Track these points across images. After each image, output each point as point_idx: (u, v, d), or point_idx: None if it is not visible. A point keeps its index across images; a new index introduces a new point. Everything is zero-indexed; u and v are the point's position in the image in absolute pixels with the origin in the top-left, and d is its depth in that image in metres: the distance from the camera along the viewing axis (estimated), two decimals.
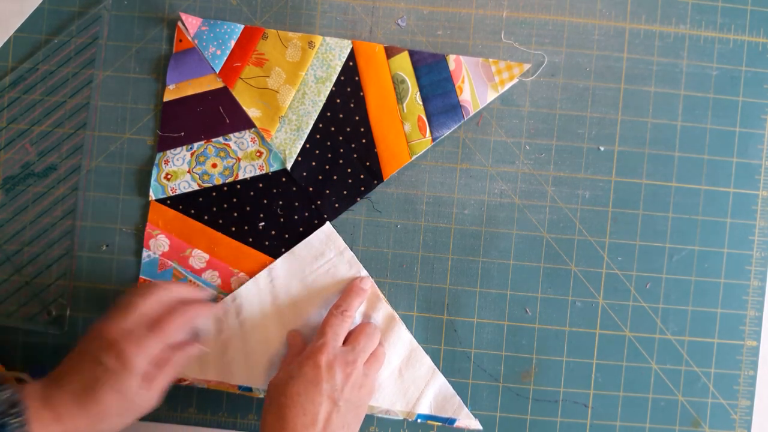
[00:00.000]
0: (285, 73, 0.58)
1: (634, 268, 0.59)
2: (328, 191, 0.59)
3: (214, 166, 0.59)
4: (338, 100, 0.58)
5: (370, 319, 0.58)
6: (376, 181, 0.58)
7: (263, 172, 0.59)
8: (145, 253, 0.58)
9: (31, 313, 0.58)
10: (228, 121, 0.58)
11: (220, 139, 0.58)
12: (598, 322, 0.59)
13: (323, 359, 0.50)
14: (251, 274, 0.58)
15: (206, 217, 0.58)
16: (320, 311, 0.58)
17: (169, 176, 0.58)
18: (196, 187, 0.58)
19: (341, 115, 0.58)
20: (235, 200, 0.58)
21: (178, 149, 0.58)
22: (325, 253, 0.58)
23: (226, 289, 0.58)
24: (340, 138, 0.58)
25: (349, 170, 0.58)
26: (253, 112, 0.58)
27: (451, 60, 0.58)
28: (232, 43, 0.58)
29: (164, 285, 0.52)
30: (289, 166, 0.58)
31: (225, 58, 0.58)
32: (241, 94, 0.58)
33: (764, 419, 0.59)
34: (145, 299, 0.50)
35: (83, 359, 0.48)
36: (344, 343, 0.54)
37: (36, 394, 0.46)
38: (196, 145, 0.58)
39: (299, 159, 0.58)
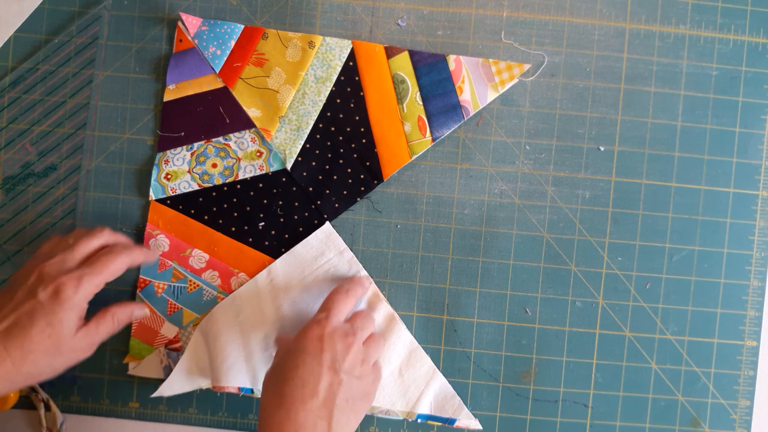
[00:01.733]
0: (285, 73, 0.58)
1: (634, 268, 0.59)
2: (328, 191, 0.59)
3: (214, 166, 0.59)
4: (338, 100, 0.58)
5: None
6: (376, 181, 0.58)
7: (263, 172, 0.59)
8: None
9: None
10: (228, 121, 0.58)
11: (220, 139, 0.58)
12: (598, 322, 0.59)
13: (324, 331, 0.48)
14: (251, 274, 0.58)
15: (206, 217, 0.58)
16: None
17: (169, 176, 0.58)
18: (196, 187, 0.59)
19: (341, 115, 0.58)
20: (235, 200, 0.58)
21: (178, 149, 0.59)
22: (324, 253, 0.58)
23: (226, 289, 0.58)
24: (340, 138, 0.58)
25: (349, 170, 0.58)
26: (253, 112, 0.58)
27: (451, 60, 0.58)
28: (232, 43, 0.58)
29: (101, 230, 0.52)
30: (289, 166, 0.58)
31: (225, 58, 0.58)
32: (241, 94, 0.58)
33: (764, 419, 0.59)
34: (83, 240, 0.50)
35: (15, 294, 0.47)
36: (360, 321, 0.53)
37: None
38: (196, 145, 0.59)
39: (299, 159, 0.58)
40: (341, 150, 0.58)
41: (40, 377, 0.47)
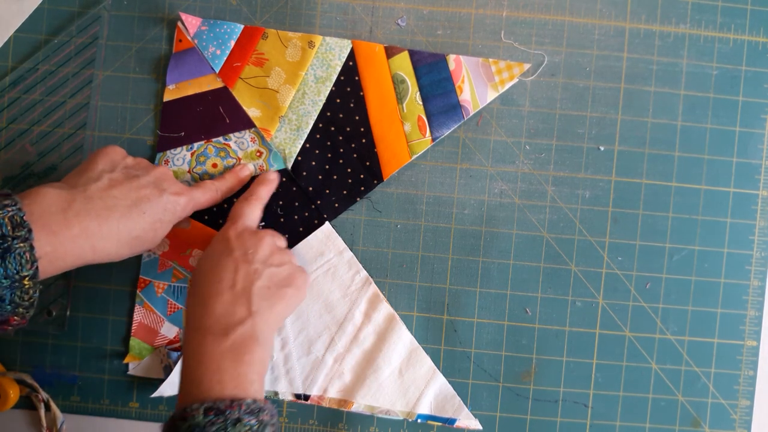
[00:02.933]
0: (285, 73, 0.58)
1: (634, 268, 0.59)
2: (328, 191, 0.59)
3: (215, 166, 0.59)
4: (338, 100, 0.58)
5: (370, 320, 0.58)
6: (376, 181, 0.58)
7: (263, 172, 0.58)
8: (145, 253, 0.58)
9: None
10: (228, 121, 0.58)
11: (220, 139, 0.58)
12: (598, 322, 0.59)
13: (228, 233, 0.50)
14: None
15: (206, 217, 0.58)
16: (320, 311, 0.58)
17: None
18: None
19: (341, 115, 0.58)
20: (235, 200, 0.58)
21: (178, 149, 0.58)
22: (324, 254, 0.58)
23: None
24: (340, 138, 0.58)
25: (349, 170, 0.58)
26: (253, 112, 0.58)
27: (451, 60, 0.58)
28: (232, 43, 0.58)
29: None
30: (289, 166, 0.58)
31: (225, 58, 0.58)
32: (241, 93, 0.58)
33: (764, 419, 0.59)
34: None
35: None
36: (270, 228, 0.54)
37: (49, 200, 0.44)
38: (196, 145, 0.58)
39: (299, 159, 0.58)
40: (341, 150, 0.58)
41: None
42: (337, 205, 0.59)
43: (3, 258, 0.40)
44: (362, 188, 0.59)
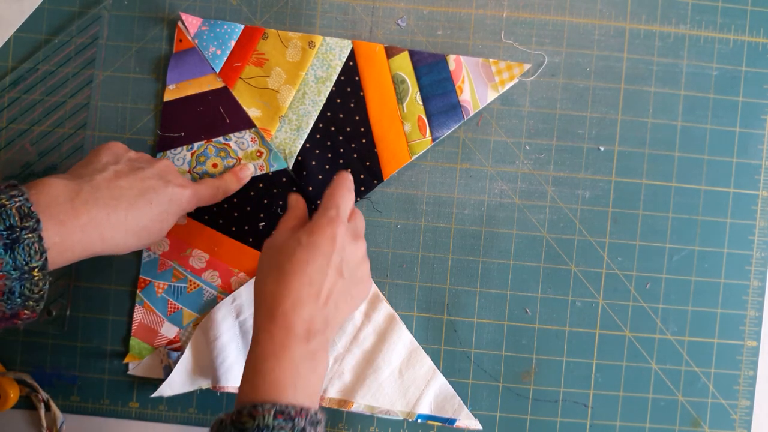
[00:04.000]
0: (285, 73, 0.58)
1: (634, 268, 0.59)
2: None
3: (215, 166, 0.59)
4: (338, 100, 0.58)
5: (370, 320, 0.58)
6: (376, 181, 0.58)
7: (263, 172, 0.59)
8: (145, 253, 0.58)
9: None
10: (228, 121, 0.58)
11: (221, 139, 0.59)
12: (598, 322, 0.59)
13: (336, 231, 0.47)
14: (251, 274, 0.58)
15: (206, 217, 0.58)
16: None
17: None
18: None
19: (341, 115, 0.58)
20: (235, 200, 0.58)
21: (179, 149, 0.59)
22: None
23: (226, 289, 0.58)
24: (340, 138, 0.58)
25: (349, 170, 0.58)
26: (253, 112, 0.58)
27: (451, 60, 0.58)
28: (232, 43, 0.58)
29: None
30: (289, 166, 0.58)
31: (225, 58, 0.58)
32: (242, 93, 0.58)
33: (764, 419, 0.59)
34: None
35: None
36: (358, 224, 0.52)
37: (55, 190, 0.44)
38: (196, 145, 0.59)
39: (299, 159, 0.58)
40: (341, 150, 0.58)
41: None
42: None
43: (12, 249, 0.40)
44: (362, 188, 0.59)
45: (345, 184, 0.51)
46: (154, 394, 0.56)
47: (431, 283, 0.59)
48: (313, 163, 0.58)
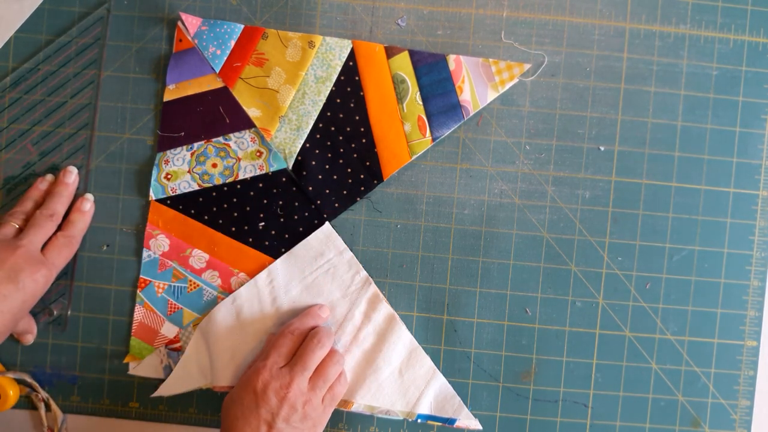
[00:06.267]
0: (285, 73, 0.58)
1: (634, 268, 0.59)
2: (328, 191, 0.59)
3: (215, 166, 0.59)
4: (338, 100, 0.58)
5: (370, 320, 0.58)
6: (376, 181, 0.59)
7: (263, 172, 0.59)
8: (145, 253, 0.59)
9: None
10: (228, 121, 0.58)
11: (220, 138, 0.59)
12: (598, 322, 0.59)
13: (259, 383, 0.50)
14: (251, 274, 0.58)
15: (206, 217, 0.58)
16: None
17: (169, 176, 0.58)
18: (196, 187, 0.59)
19: (341, 115, 0.58)
20: (235, 200, 0.58)
21: (178, 149, 0.59)
22: (324, 254, 0.58)
23: (226, 289, 0.58)
24: (340, 138, 0.58)
25: (349, 170, 0.59)
26: (253, 112, 0.58)
27: (451, 60, 0.58)
28: (232, 42, 0.58)
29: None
30: (289, 166, 0.58)
31: (225, 58, 0.58)
32: (241, 93, 0.58)
33: (764, 419, 0.59)
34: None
35: None
36: (299, 360, 0.52)
37: None
38: (196, 145, 0.59)
39: (299, 159, 0.58)
40: (341, 150, 0.58)
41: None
42: (337, 205, 0.59)
43: None
44: (362, 188, 0.59)
45: (284, 329, 0.54)
46: (154, 394, 0.56)
47: (431, 283, 0.59)
48: (313, 163, 0.58)
